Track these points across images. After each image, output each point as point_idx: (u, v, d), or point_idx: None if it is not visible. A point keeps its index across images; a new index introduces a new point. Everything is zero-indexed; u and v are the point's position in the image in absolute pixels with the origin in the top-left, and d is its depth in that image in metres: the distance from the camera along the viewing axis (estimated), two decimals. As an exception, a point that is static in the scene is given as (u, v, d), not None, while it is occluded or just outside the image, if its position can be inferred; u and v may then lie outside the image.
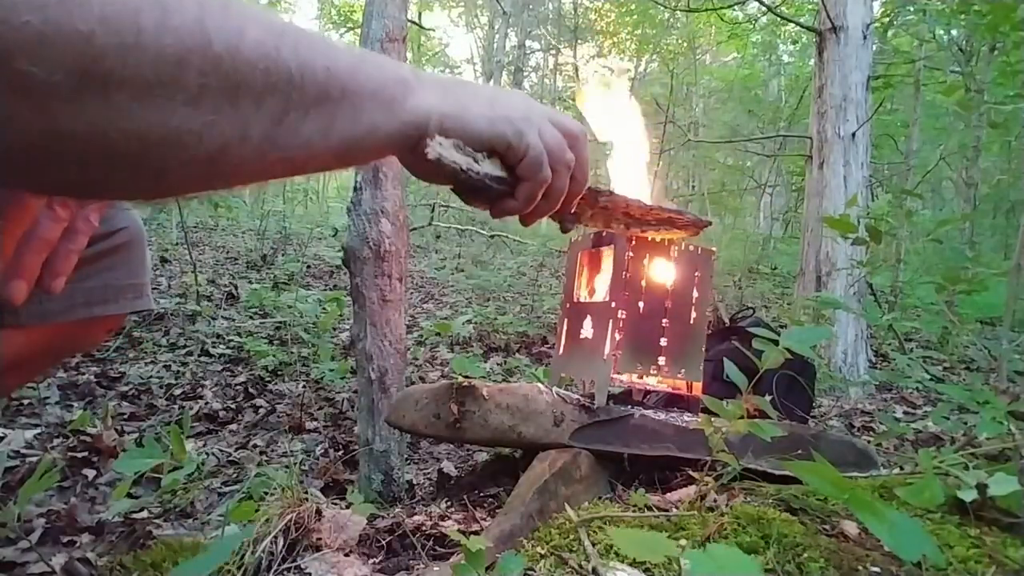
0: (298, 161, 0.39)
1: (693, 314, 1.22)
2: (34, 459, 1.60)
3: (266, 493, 1.00)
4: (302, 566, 0.86)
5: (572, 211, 0.63)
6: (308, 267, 5.37)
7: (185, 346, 2.92)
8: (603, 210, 0.73)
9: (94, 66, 0.28)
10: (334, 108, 0.38)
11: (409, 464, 1.91)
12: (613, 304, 1.17)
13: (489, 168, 0.50)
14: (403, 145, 0.45)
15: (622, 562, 0.80)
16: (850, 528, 0.89)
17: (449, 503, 1.13)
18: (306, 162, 0.40)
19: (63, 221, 0.64)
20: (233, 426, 2.23)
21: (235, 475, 1.77)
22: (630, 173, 1.23)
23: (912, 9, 5.98)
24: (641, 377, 1.20)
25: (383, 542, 0.97)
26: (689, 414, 1.20)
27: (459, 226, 7.11)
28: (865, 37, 4.02)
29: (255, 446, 2.04)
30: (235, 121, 0.34)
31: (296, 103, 0.36)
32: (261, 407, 2.40)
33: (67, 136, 0.29)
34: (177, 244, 4.91)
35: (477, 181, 0.49)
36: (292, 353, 2.90)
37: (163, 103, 0.31)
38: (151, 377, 2.49)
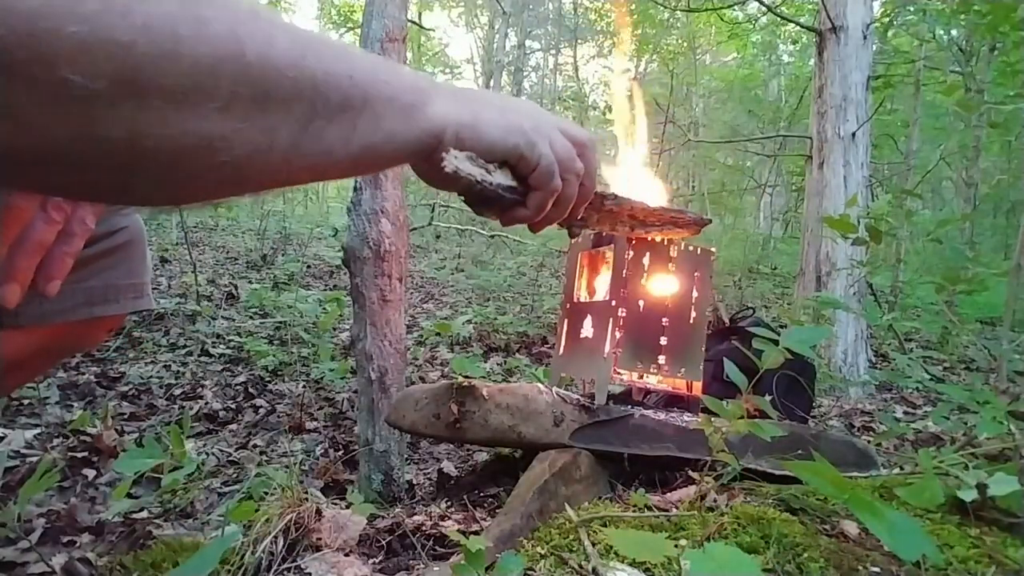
0: (319, 168, 0.40)
1: (693, 314, 1.22)
2: (34, 459, 1.60)
3: (266, 493, 1.00)
4: (302, 566, 0.86)
5: (579, 217, 0.64)
6: (308, 267, 5.37)
7: (185, 346, 2.92)
8: (609, 213, 0.74)
9: (133, 74, 0.29)
10: (356, 116, 0.39)
11: (409, 464, 1.91)
12: (613, 302, 1.17)
13: (501, 179, 0.51)
14: (419, 153, 0.46)
15: (622, 562, 0.80)
16: (850, 528, 0.89)
17: (449, 503, 1.13)
18: (327, 169, 0.41)
19: (57, 224, 0.64)
20: (233, 426, 2.23)
21: (235, 475, 1.77)
22: (635, 177, 1.23)
23: (912, 9, 5.98)
24: (641, 376, 1.20)
25: (383, 542, 0.97)
26: (689, 414, 1.20)
27: (459, 226, 7.11)
28: (865, 37, 4.02)
29: (255, 446, 2.04)
30: (263, 128, 0.35)
31: (321, 111, 0.37)
32: (261, 407, 2.40)
33: (102, 141, 0.30)
34: (177, 244, 4.91)
35: (491, 192, 0.51)
36: (292, 353, 2.90)
37: (196, 110, 0.31)
38: (151, 377, 2.49)
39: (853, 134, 3.94)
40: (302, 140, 0.37)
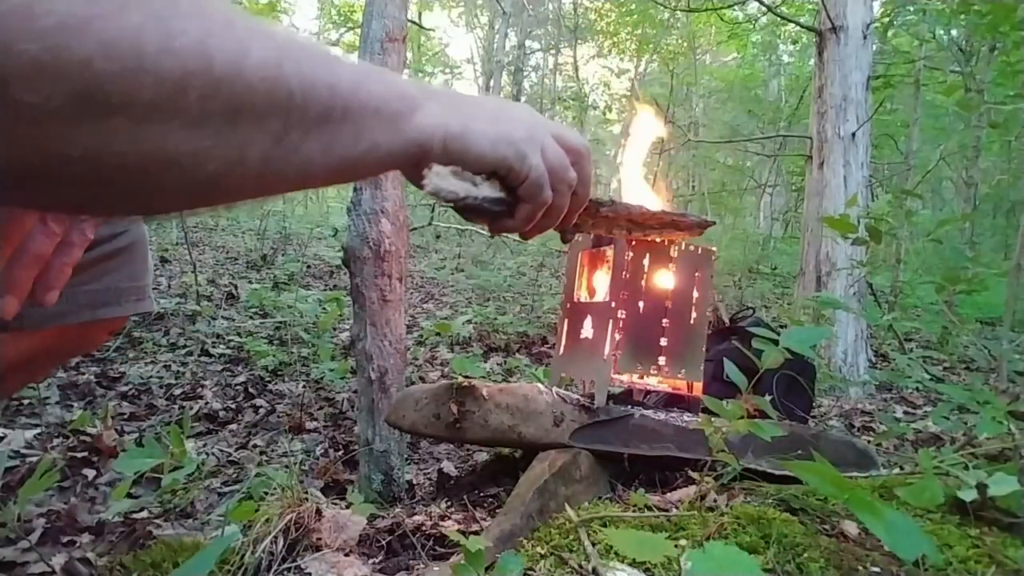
0: (298, 179, 0.39)
1: (693, 314, 1.22)
2: (34, 459, 1.60)
3: (266, 493, 1.00)
4: (302, 566, 0.86)
5: (573, 223, 0.63)
6: (308, 267, 5.37)
7: (185, 346, 2.92)
8: (605, 218, 0.72)
9: (91, 91, 0.27)
10: (336, 127, 0.38)
11: (409, 464, 1.91)
12: (613, 304, 1.17)
13: (488, 191, 0.50)
14: (405, 162, 0.45)
15: (622, 562, 0.80)
16: (850, 528, 0.89)
17: (449, 503, 1.13)
18: (306, 179, 0.40)
19: (56, 235, 0.64)
20: (233, 426, 2.23)
21: (235, 475, 1.77)
22: (636, 178, 1.23)
23: (912, 9, 5.98)
24: (641, 377, 1.20)
25: (383, 542, 0.97)
26: (689, 414, 1.20)
27: (459, 226, 7.11)
28: (865, 37, 4.03)
29: (255, 446, 2.04)
30: (234, 142, 0.33)
31: (297, 123, 0.36)
32: (261, 407, 2.40)
33: (62, 158, 0.29)
34: (177, 244, 4.91)
35: (475, 206, 0.50)
36: (292, 353, 2.90)
37: (161, 126, 0.30)
38: (151, 377, 2.50)
39: (853, 134, 3.94)
40: (277, 153, 0.36)
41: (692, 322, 1.22)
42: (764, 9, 6.53)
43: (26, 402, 2.01)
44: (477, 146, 0.47)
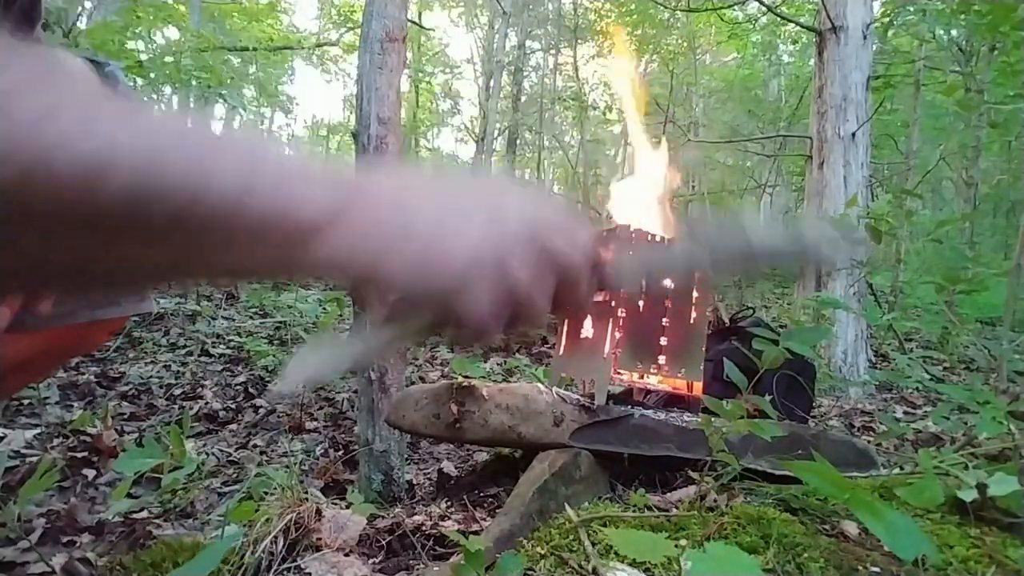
0: (145, 283, 0.37)
1: (693, 314, 1.22)
2: (34, 459, 1.60)
3: (266, 493, 1.00)
4: (302, 566, 0.86)
5: None
6: (308, 267, 5.36)
7: (185, 346, 2.93)
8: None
9: None
10: (194, 240, 0.32)
11: (409, 464, 1.91)
12: (613, 303, 1.17)
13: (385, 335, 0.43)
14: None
15: (622, 562, 0.80)
16: (850, 528, 0.89)
17: (449, 503, 1.13)
18: (157, 283, 0.36)
19: None
20: (233, 426, 2.23)
21: (235, 475, 1.77)
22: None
23: (912, 9, 5.98)
24: (642, 377, 1.20)
25: (383, 542, 0.97)
26: (689, 414, 1.20)
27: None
28: (865, 37, 4.03)
29: (255, 446, 2.04)
30: (28, 248, 0.30)
31: (128, 236, 0.31)
32: (261, 407, 2.40)
33: None
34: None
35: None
36: (292, 353, 2.90)
37: None
38: (151, 377, 2.50)
39: (853, 134, 3.94)
40: (97, 260, 0.32)
41: (692, 322, 1.22)
42: (764, 9, 6.53)
43: (26, 402, 2.01)
44: (387, 284, 0.38)
